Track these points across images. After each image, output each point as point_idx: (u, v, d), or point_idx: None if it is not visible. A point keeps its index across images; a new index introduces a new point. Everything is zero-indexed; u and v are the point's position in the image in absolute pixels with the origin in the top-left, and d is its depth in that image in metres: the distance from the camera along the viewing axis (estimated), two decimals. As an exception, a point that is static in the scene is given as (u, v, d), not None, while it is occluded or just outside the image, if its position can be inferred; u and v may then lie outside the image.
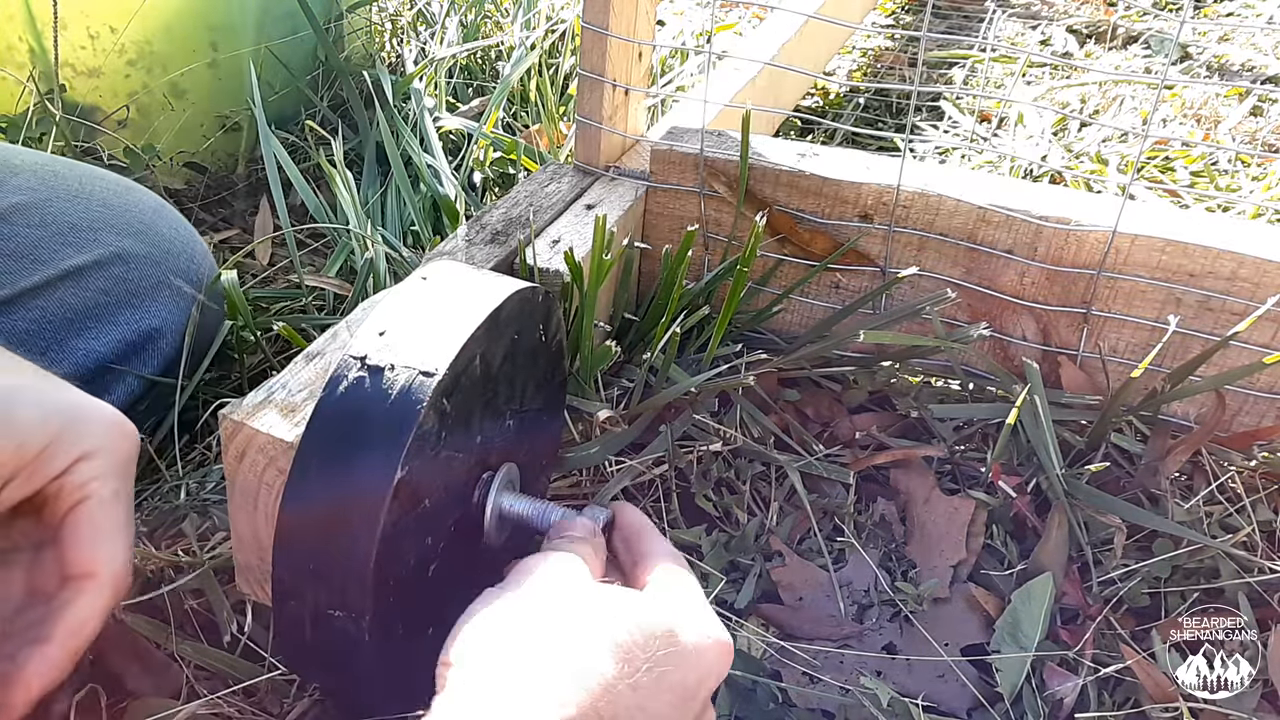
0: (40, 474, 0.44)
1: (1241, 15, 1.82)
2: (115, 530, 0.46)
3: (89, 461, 0.45)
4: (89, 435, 0.45)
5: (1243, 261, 0.67)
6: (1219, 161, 1.26)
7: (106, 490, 0.45)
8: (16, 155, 0.71)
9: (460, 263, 0.63)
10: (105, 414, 0.47)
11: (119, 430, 0.47)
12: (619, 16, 0.74)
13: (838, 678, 0.58)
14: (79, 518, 0.45)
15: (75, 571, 0.45)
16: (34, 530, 0.46)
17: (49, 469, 0.44)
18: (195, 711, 0.52)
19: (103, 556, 0.45)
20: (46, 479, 0.44)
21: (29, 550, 0.47)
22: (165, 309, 0.70)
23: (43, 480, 0.44)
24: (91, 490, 0.45)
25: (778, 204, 0.77)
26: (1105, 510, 0.65)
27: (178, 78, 1.03)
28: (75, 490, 0.45)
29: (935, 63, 1.55)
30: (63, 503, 0.45)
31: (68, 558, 0.45)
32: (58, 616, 0.44)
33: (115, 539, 0.46)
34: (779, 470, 0.69)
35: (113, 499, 0.46)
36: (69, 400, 0.46)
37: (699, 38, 1.51)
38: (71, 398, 0.46)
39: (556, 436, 0.64)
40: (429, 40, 1.30)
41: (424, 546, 0.47)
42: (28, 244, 0.66)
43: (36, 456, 0.43)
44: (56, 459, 0.44)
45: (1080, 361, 0.74)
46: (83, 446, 0.45)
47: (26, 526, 0.46)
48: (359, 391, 0.44)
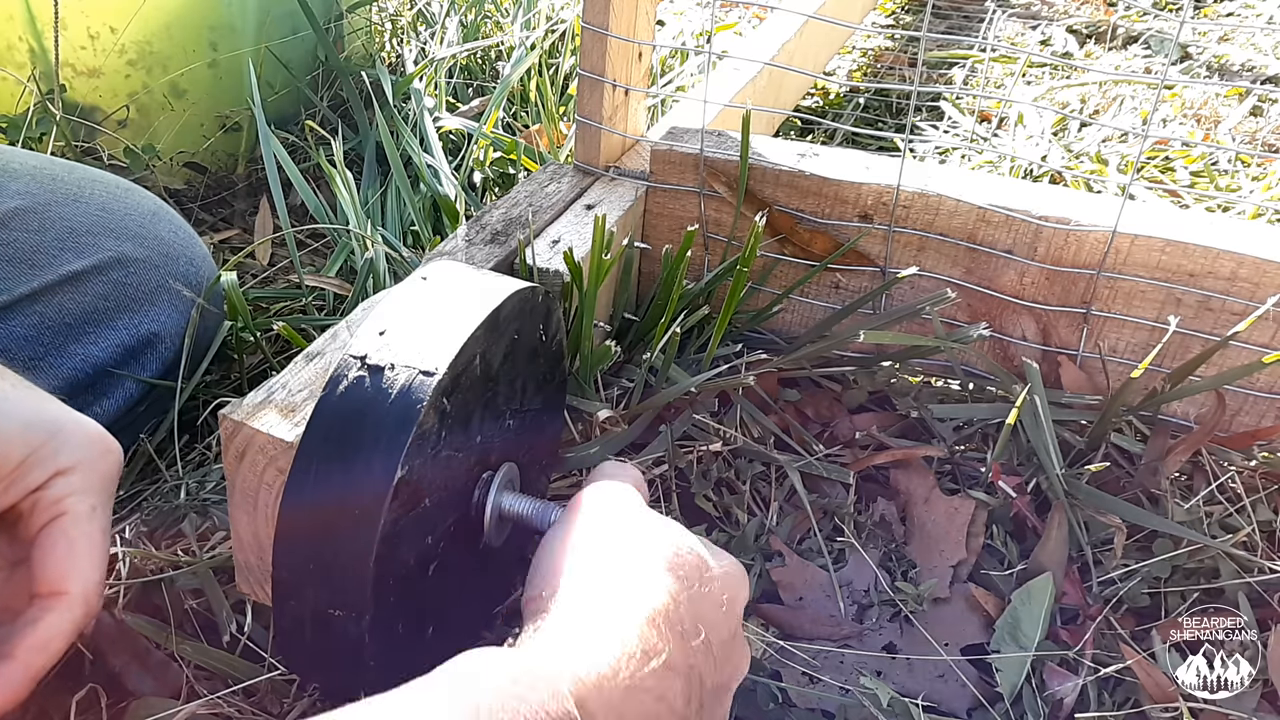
0: (17, 487, 0.43)
1: (1241, 15, 1.82)
2: (89, 548, 0.44)
3: (67, 477, 0.44)
4: (69, 450, 0.44)
5: (1242, 261, 0.67)
6: (1219, 161, 1.26)
7: (83, 506, 0.44)
8: (14, 158, 0.71)
9: (460, 263, 0.63)
10: (87, 430, 0.46)
11: (100, 447, 0.46)
12: (619, 17, 0.74)
13: (838, 678, 0.58)
14: (53, 534, 0.44)
15: (45, 589, 0.43)
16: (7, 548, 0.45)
17: (26, 482, 0.43)
18: (195, 711, 0.51)
19: (75, 574, 0.44)
20: (23, 493, 0.43)
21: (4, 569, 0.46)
22: (165, 313, 0.70)
23: (19, 494, 0.43)
24: (68, 506, 0.44)
25: (778, 204, 0.77)
26: (1105, 510, 0.65)
27: (178, 78, 1.03)
28: (51, 505, 0.44)
29: (935, 63, 1.55)
30: (38, 518, 0.44)
31: (39, 574, 0.44)
32: (22, 634, 0.42)
33: (89, 557, 0.44)
34: (779, 470, 0.69)
35: (89, 516, 0.45)
36: (51, 414, 0.45)
37: (699, 38, 1.51)
38: (54, 411, 0.45)
39: (556, 436, 0.64)
40: (429, 40, 1.30)
41: (424, 546, 0.47)
42: (26, 249, 0.66)
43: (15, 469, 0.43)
44: (34, 473, 0.43)
45: (1080, 361, 0.74)
46: (61, 461, 0.44)
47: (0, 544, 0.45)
48: (359, 391, 0.44)
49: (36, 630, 0.42)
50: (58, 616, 0.43)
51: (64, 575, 0.44)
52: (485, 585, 0.57)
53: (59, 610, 0.43)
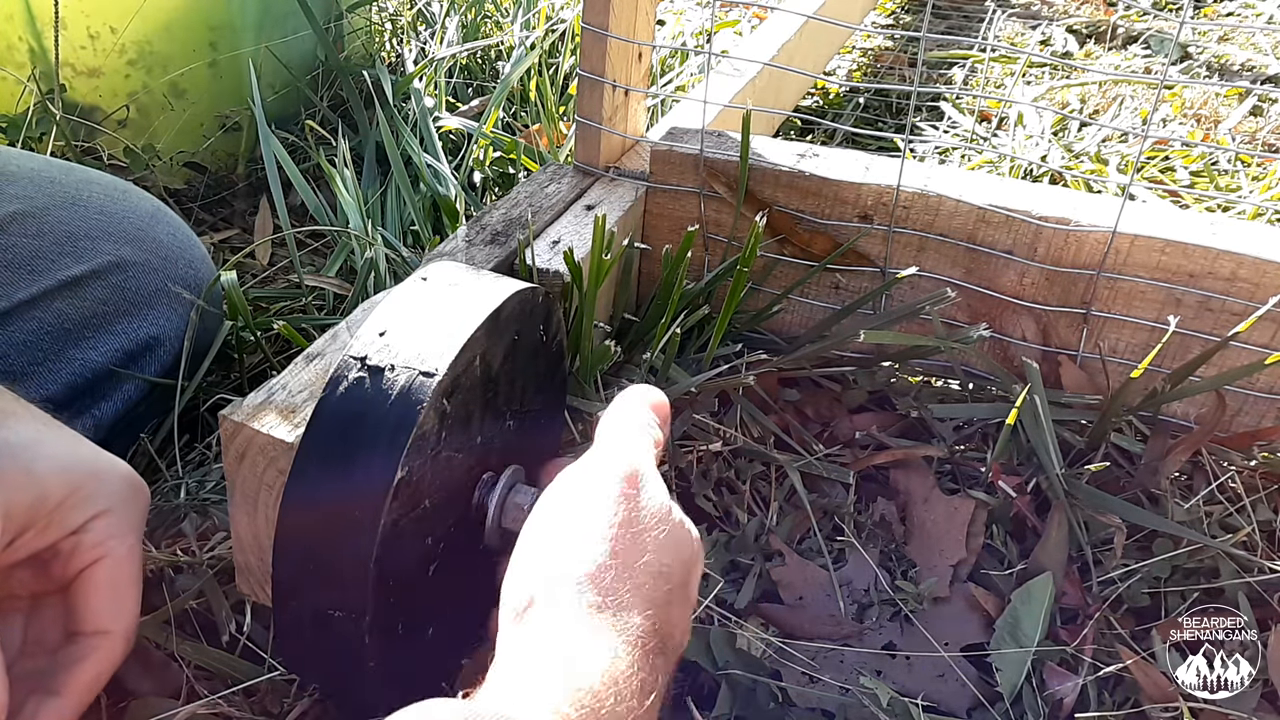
0: (57, 528, 0.44)
1: (1241, 15, 1.82)
2: (130, 589, 0.46)
3: (105, 519, 0.46)
4: (106, 492, 0.46)
5: (1242, 262, 0.67)
6: (1219, 161, 1.26)
7: (123, 548, 0.46)
8: (11, 160, 0.70)
9: (460, 263, 0.63)
10: (120, 471, 0.47)
11: (133, 487, 0.48)
12: (619, 17, 0.74)
13: (838, 677, 0.58)
14: (96, 576, 0.45)
15: (89, 628, 0.45)
16: (33, 581, 0.46)
17: (66, 523, 0.45)
18: (195, 711, 0.52)
19: (119, 615, 0.46)
20: (63, 533, 0.45)
21: (25, 599, 0.47)
22: (164, 316, 0.70)
23: (59, 534, 0.45)
24: (109, 549, 0.45)
25: (777, 204, 0.77)
26: (1105, 510, 0.65)
27: (178, 78, 1.03)
28: (93, 548, 0.45)
29: (935, 63, 1.55)
30: (78, 559, 0.45)
31: (81, 615, 0.45)
32: (71, 671, 0.44)
33: (129, 597, 0.46)
34: (779, 470, 0.69)
35: (127, 556, 0.46)
36: (87, 455, 0.47)
37: (699, 37, 1.51)
38: (88, 452, 0.47)
39: (556, 437, 0.64)
40: (429, 40, 1.30)
41: (424, 546, 0.47)
42: (25, 254, 0.65)
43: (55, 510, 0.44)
44: (74, 514, 0.45)
45: (1080, 362, 0.74)
46: (100, 504, 0.45)
47: (25, 577, 0.46)
48: (359, 392, 0.44)
49: (85, 668, 0.44)
50: (104, 655, 0.45)
51: (109, 616, 0.46)
52: (485, 586, 0.57)
53: (104, 649, 0.45)
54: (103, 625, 0.45)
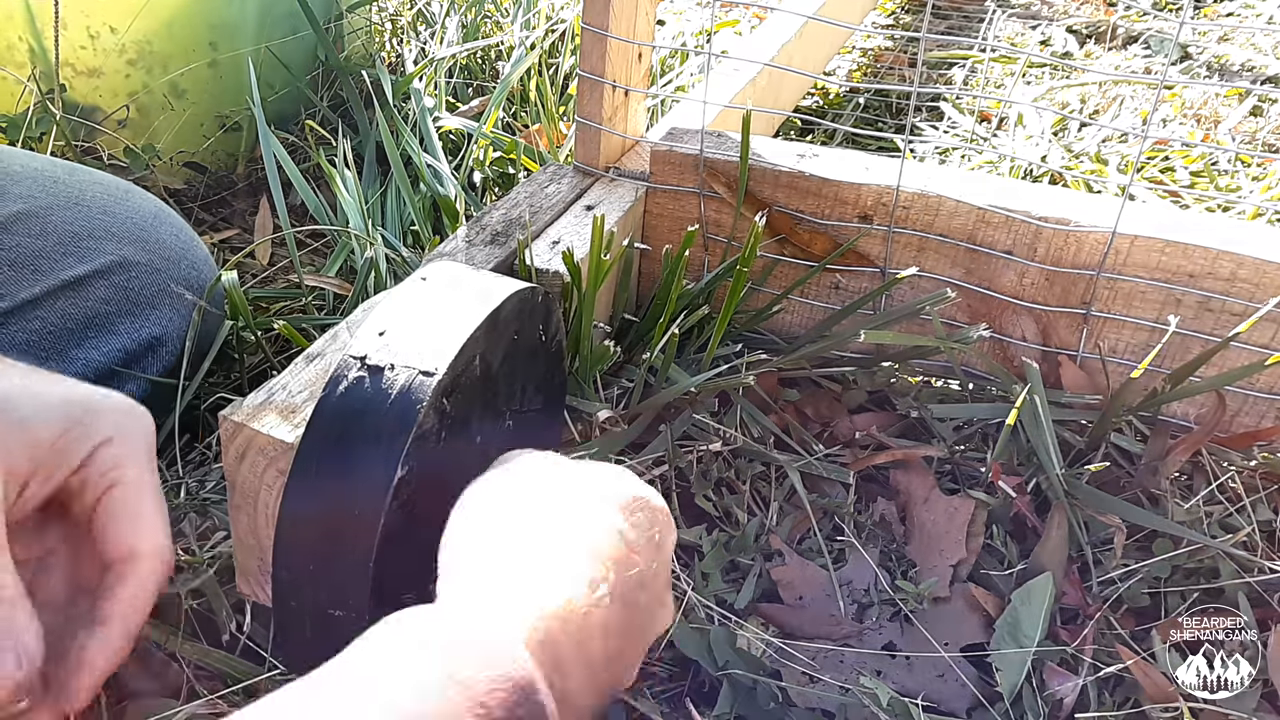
0: (59, 469, 0.44)
1: (1241, 15, 1.82)
2: (151, 508, 0.45)
3: (109, 448, 0.45)
4: (104, 423, 0.45)
5: (1242, 262, 0.67)
6: (1219, 162, 1.26)
7: (132, 473, 0.45)
8: (15, 161, 0.71)
9: (460, 263, 0.63)
10: (117, 401, 0.46)
11: (133, 415, 0.47)
12: (619, 17, 0.74)
13: (838, 677, 0.58)
14: (112, 503, 0.44)
15: (118, 555, 0.44)
16: (66, 531, 0.46)
17: (67, 462, 0.44)
18: (195, 711, 0.52)
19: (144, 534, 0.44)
20: (67, 473, 0.44)
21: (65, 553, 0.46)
22: (166, 317, 0.70)
23: (63, 475, 0.44)
24: (118, 476, 0.44)
25: (777, 204, 0.77)
26: (1105, 510, 0.65)
27: (178, 78, 1.03)
28: (101, 478, 0.44)
29: (935, 63, 1.55)
30: (90, 493, 0.44)
31: (107, 544, 0.44)
32: (110, 597, 0.43)
33: (152, 517, 0.45)
34: (779, 470, 0.69)
35: (140, 480, 0.45)
36: (77, 392, 0.45)
37: (699, 37, 1.51)
38: (79, 390, 0.46)
39: (556, 436, 0.64)
40: (429, 40, 1.30)
41: (424, 546, 0.47)
42: (29, 254, 0.65)
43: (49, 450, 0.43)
44: (74, 449, 0.44)
45: (1080, 362, 0.74)
46: (99, 435, 0.44)
47: (58, 529, 0.46)
48: (359, 391, 0.44)
49: (123, 593, 0.44)
50: (141, 575, 0.44)
51: (134, 538, 0.44)
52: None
53: (139, 571, 0.44)
54: (130, 547, 0.44)
